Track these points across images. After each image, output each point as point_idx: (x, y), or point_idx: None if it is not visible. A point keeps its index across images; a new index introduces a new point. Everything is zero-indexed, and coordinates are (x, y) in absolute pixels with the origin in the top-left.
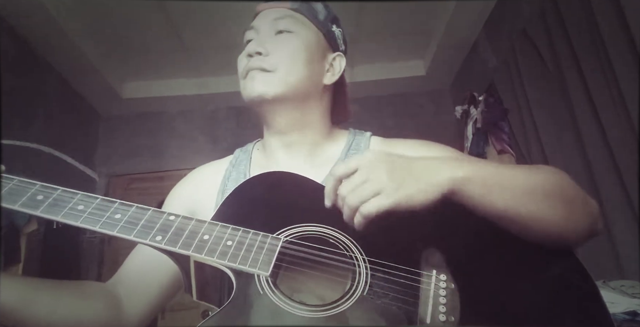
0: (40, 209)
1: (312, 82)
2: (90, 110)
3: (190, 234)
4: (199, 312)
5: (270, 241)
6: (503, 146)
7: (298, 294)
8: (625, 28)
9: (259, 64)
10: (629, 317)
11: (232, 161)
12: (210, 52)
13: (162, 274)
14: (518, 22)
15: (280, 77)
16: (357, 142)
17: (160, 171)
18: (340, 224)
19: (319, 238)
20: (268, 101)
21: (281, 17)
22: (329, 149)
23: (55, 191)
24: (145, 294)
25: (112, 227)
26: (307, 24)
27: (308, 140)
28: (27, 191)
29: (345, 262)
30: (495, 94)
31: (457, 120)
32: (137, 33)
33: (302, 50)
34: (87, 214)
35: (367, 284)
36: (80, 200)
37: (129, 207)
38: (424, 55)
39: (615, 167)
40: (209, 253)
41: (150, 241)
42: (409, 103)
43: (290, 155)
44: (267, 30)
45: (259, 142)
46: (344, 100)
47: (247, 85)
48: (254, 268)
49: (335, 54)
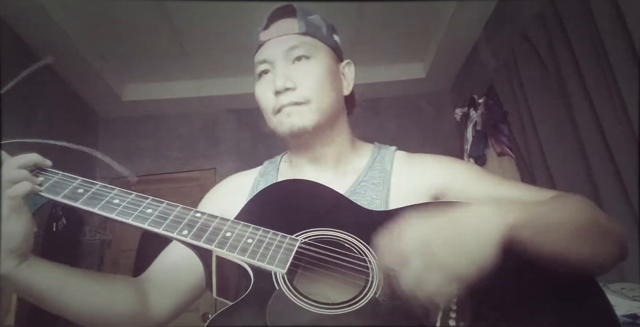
0: (80, 201)
1: (340, 100)
2: (91, 112)
3: (214, 230)
4: (198, 315)
5: (288, 241)
6: (503, 148)
7: (312, 295)
8: (624, 30)
9: (290, 99)
10: (629, 320)
11: (260, 171)
12: (210, 54)
13: (190, 274)
14: (518, 25)
15: (314, 107)
16: (382, 155)
17: (160, 173)
18: (355, 230)
19: (335, 242)
20: (310, 132)
21: (295, 45)
22: (355, 161)
23: (94, 185)
24: (173, 292)
25: (143, 220)
26: (319, 45)
27: (334, 153)
28: (70, 185)
29: (360, 266)
30: (495, 96)
31: (457, 123)
32: (138, 35)
33: (325, 74)
34: (121, 207)
35: (379, 288)
36: (117, 195)
37: (160, 203)
38: (424, 57)
39: (615, 169)
40: (230, 249)
41: (177, 234)
42: (409, 105)
43: (317, 167)
44: (283, 61)
45: (287, 154)
46: (351, 99)
47: (284, 120)
48: (272, 265)
49: (345, 62)
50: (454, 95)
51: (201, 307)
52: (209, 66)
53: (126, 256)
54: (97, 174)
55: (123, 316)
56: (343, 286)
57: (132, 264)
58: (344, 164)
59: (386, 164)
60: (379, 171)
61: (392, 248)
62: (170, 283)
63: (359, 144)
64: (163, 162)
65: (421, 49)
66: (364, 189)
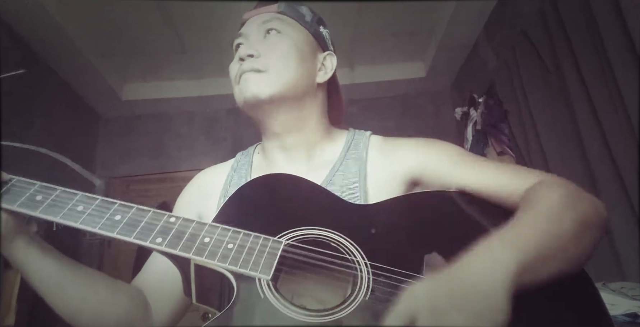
0: (40, 210)
1: (306, 81)
2: (90, 111)
3: (190, 236)
4: (199, 315)
5: (271, 245)
6: (503, 148)
7: (299, 297)
8: (624, 29)
9: (250, 65)
10: (629, 319)
11: (233, 165)
12: (210, 53)
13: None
14: (518, 24)
15: (273, 76)
16: (357, 141)
17: (160, 172)
18: (342, 227)
19: (321, 241)
20: (263, 101)
21: (268, 19)
22: (328, 149)
23: (54, 191)
24: (169, 299)
25: (111, 228)
26: (295, 25)
27: (306, 141)
28: (26, 191)
29: (347, 267)
30: (495, 95)
31: (457, 122)
32: (137, 34)
33: (293, 49)
34: (86, 215)
35: (369, 289)
36: (80, 201)
37: (129, 208)
38: (424, 56)
39: (615, 168)
40: (209, 256)
41: (151, 243)
42: (409, 105)
43: (290, 157)
44: (255, 33)
45: (259, 145)
46: (338, 99)
47: (242, 87)
48: (255, 272)
49: (326, 53)
50: (454, 95)
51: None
52: (209, 65)
53: (126, 255)
54: (96, 173)
55: (124, 320)
56: (331, 286)
57: (132, 264)
58: (317, 153)
59: (361, 151)
60: (354, 160)
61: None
62: (165, 288)
63: (334, 132)
64: (163, 161)
65: (421, 48)
66: (340, 178)
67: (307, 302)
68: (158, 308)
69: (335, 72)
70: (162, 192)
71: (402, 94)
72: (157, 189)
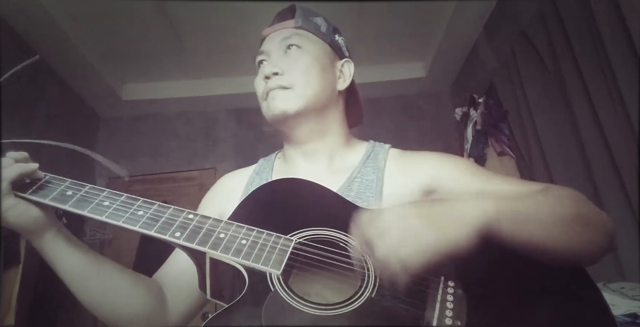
0: (69, 204)
1: (328, 92)
2: (90, 112)
3: (207, 231)
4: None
5: (282, 242)
6: (503, 148)
7: (307, 296)
8: (624, 29)
9: (277, 83)
10: (629, 320)
11: (255, 169)
12: (209, 54)
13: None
14: (518, 24)
15: (298, 92)
16: (376, 152)
17: (160, 172)
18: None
19: (330, 241)
20: (291, 116)
21: (288, 36)
22: (349, 157)
23: (83, 187)
24: (187, 294)
25: (134, 222)
26: (313, 38)
27: (327, 149)
28: (58, 187)
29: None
30: (495, 95)
31: (457, 122)
32: (137, 35)
33: (313, 63)
34: (112, 209)
35: (375, 287)
36: (106, 197)
37: (151, 204)
38: (424, 57)
39: (615, 168)
40: (224, 250)
41: (170, 236)
42: (409, 105)
43: (311, 163)
44: (277, 50)
45: (281, 152)
46: (357, 103)
47: (270, 104)
48: (267, 266)
49: (343, 60)
50: (454, 95)
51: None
52: (209, 66)
53: (126, 255)
54: (97, 173)
55: (143, 314)
56: (339, 285)
57: (132, 263)
58: (338, 160)
59: (379, 161)
60: (373, 168)
61: (372, 221)
62: (184, 284)
63: (354, 142)
64: (163, 161)
65: (421, 48)
66: (357, 186)
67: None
68: (175, 303)
69: (353, 78)
70: (162, 192)
71: (402, 95)
72: (158, 189)
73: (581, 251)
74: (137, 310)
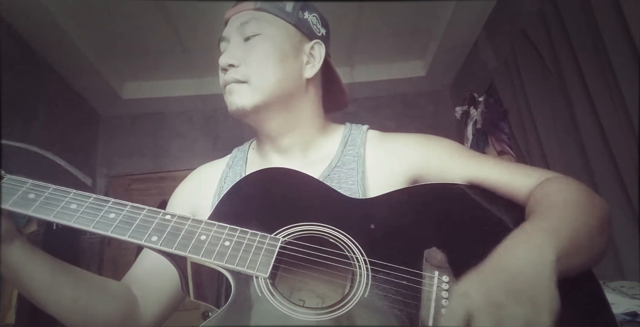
0: (32, 208)
1: (291, 81)
2: (90, 110)
3: (186, 234)
4: (199, 313)
5: (268, 242)
6: (503, 147)
7: (298, 292)
8: (625, 28)
9: (232, 76)
10: (629, 318)
11: (228, 162)
12: (209, 52)
13: (174, 274)
14: (518, 23)
15: (254, 86)
16: (353, 136)
17: (160, 171)
18: (340, 222)
19: (319, 238)
20: (249, 112)
21: (245, 21)
22: (325, 146)
23: (47, 189)
24: (158, 294)
25: (106, 227)
26: (273, 20)
27: (301, 140)
28: (18, 190)
29: (346, 263)
30: (495, 94)
31: (457, 121)
32: (137, 34)
33: (271, 52)
34: (80, 213)
35: (367, 286)
36: (73, 199)
37: (123, 206)
38: (424, 55)
39: (615, 167)
40: (206, 254)
41: (146, 241)
42: (409, 104)
43: (284, 156)
44: (235, 38)
45: (255, 141)
46: (337, 86)
47: (227, 100)
48: (253, 270)
49: (313, 42)
50: (454, 94)
51: (201, 306)
52: (209, 64)
53: (126, 255)
54: (97, 172)
55: (115, 319)
56: (330, 281)
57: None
58: (313, 150)
59: (358, 147)
60: (352, 156)
61: (452, 310)
62: (155, 285)
63: (330, 128)
64: (163, 160)
65: (421, 47)
66: (338, 174)
67: (306, 296)
68: (146, 306)
69: (328, 59)
70: (162, 190)
71: (402, 93)
72: (158, 187)
73: (605, 248)
74: (109, 315)
